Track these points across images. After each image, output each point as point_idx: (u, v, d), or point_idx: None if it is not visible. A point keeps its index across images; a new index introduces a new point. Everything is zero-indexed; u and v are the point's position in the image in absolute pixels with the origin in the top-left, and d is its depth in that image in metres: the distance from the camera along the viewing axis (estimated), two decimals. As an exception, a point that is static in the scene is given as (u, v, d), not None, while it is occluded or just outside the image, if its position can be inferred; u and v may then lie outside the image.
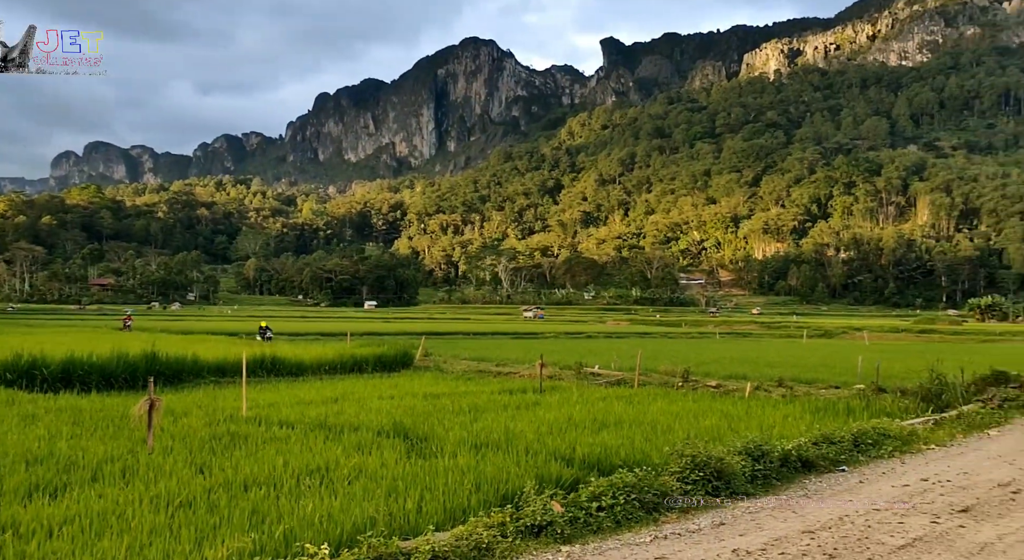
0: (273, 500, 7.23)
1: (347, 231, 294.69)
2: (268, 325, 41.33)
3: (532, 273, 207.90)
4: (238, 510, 6.88)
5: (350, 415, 12.90)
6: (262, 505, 7.06)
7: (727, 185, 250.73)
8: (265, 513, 6.82)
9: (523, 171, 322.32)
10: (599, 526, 6.90)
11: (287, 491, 7.59)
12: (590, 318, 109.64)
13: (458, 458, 9.05)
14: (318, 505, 6.94)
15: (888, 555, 6.19)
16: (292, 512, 6.77)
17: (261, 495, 7.39)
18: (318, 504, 6.98)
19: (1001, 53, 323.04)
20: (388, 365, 23.98)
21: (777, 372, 22.42)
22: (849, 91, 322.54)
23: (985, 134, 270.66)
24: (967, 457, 10.69)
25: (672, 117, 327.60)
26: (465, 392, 17.21)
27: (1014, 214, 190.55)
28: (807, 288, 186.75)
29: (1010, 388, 17.01)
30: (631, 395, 16.68)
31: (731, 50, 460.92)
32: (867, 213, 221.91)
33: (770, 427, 12.06)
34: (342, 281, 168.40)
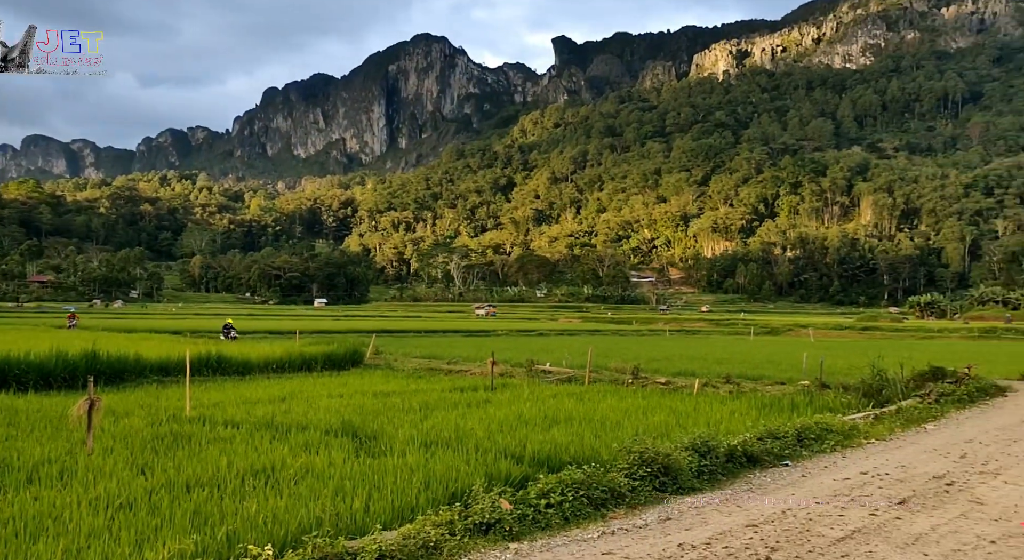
0: (216, 501, 7.10)
1: (297, 228, 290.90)
2: (232, 323, 39.69)
3: (484, 271, 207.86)
4: (180, 511, 6.74)
5: (298, 414, 12.74)
6: (205, 506, 6.92)
7: (677, 184, 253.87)
8: (208, 514, 6.69)
9: (475, 169, 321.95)
10: (547, 523, 6.92)
11: (231, 492, 7.46)
12: (542, 316, 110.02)
13: (407, 456, 9.00)
14: (263, 505, 6.83)
15: (828, 547, 6.32)
16: (236, 513, 6.65)
17: (204, 496, 7.25)
18: (263, 504, 6.87)
19: (940, 57, 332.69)
20: (338, 363, 23.72)
21: (725, 369, 22.76)
22: (795, 92, 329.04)
23: (925, 136, 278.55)
24: (905, 451, 10.98)
25: (623, 116, 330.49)
26: (416, 390, 17.13)
27: (951, 214, 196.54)
28: (755, 286, 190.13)
29: (946, 383, 17.52)
30: (582, 392, 16.77)
31: (681, 50, 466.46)
32: (813, 213, 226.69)
33: (717, 423, 12.23)
34: (291, 278, 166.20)
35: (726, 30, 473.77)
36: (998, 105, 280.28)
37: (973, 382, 18.04)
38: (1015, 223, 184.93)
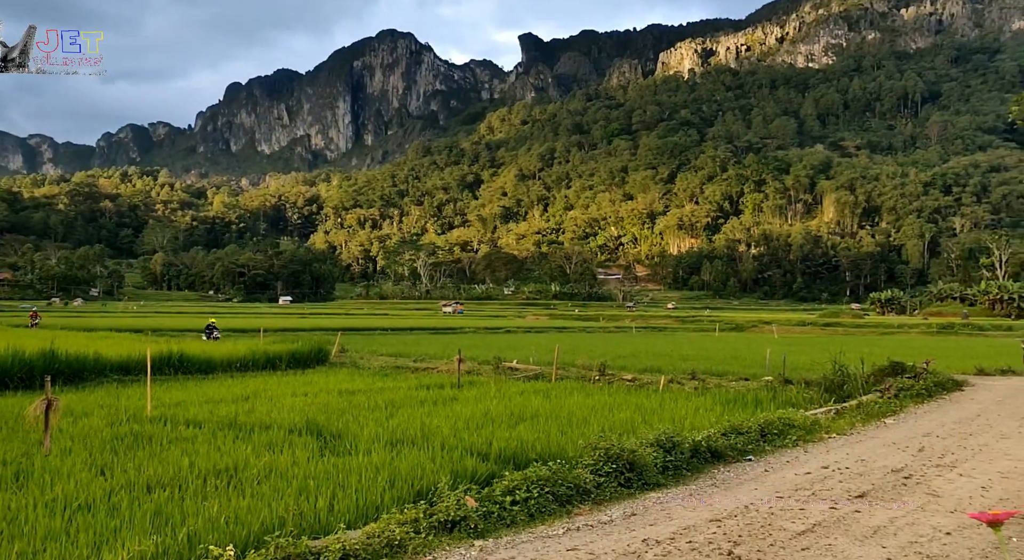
0: (178, 501, 7.01)
1: (261, 225, 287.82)
2: (215, 322, 38.39)
3: (452, 268, 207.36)
4: (140, 512, 6.65)
5: (261, 413, 12.61)
6: (166, 507, 6.84)
7: (643, 182, 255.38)
8: (169, 515, 6.60)
9: (442, 166, 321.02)
10: (513, 520, 6.93)
11: (193, 492, 7.37)
12: (509, 313, 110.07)
13: (372, 455, 8.95)
14: (225, 506, 6.75)
15: (789, 541, 6.40)
16: (197, 513, 6.57)
17: (165, 497, 7.16)
18: (225, 505, 6.79)
19: (900, 57, 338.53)
20: (303, 362, 23.53)
21: (690, 365, 22.95)
22: (759, 91, 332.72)
23: (886, 135, 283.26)
24: (865, 445, 11.16)
25: (590, 114, 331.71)
26: (382, 388, 17.04)
27: (911, 212, 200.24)
28: (720, 283, 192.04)
29: (905, 378, 17.83)
30: (548, 389, 16.81)
31: (647, 49, 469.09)
32: (776, 210, 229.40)
33: (682, 419, 12.33)
34: (255, 276, 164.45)
35: (691, 29, 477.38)
36: (956, 104, 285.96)
37: (931, 377, 18.39)
38: (972, 221, 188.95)
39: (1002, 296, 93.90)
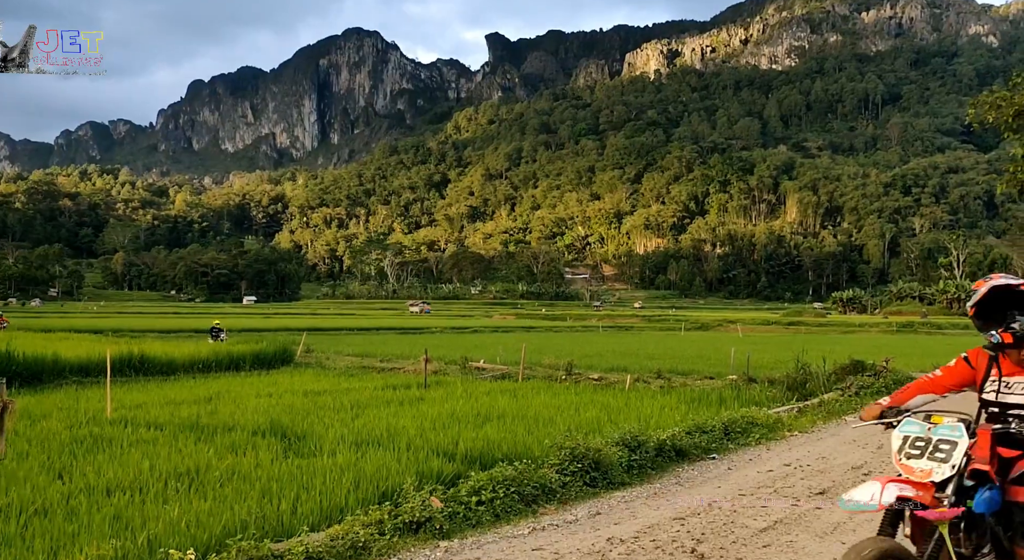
0: (138, 505, 6.90)
1: (225, 224, 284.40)
2: (220, 324, 35.88)
3: (419, 268, 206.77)
4: (99, 516, 6.52)
5: (224, 415, 12.46)
6: (126, 511, 6.72)
7: (610, 182, 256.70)
8: (129, 519, 6.49)
9: (409, 165, 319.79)
10: (478, 520, 6.92)
11: (153, 495, 7.26)
12: (477, 312, 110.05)
13: (337, 456, 8.88)
14: (186, 509, 6.66)
15: (751, 538, 6.48)
16: (158, 517, 6.47)
17: (125, 500, 7.04)
18: (186, 508, 6.70)
19: (860, 60, 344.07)
20: (267, 362, 23.31)
21: (656, 364, 23.13)
22: (724, 92, 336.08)
23: (847, 136, 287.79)
24: (826, 442, 11.33)
25: (558, 114, 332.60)
26: (347, 388, 16.93)
27: (872, 212, 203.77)
28: (686, 282, 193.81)
29: (866, 376, 18.13)
30: (515, 389, 16.82)
31: (614, 49, 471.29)
32: (741, 210, 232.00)
33: (648, 418, 12.40)
34: (219, 276, 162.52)
35: (657, 30, 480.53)
36: (915, 106, 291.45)
37: (891, 375, 18.70)
38: (931, 221, 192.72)
39: (959, 295, 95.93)
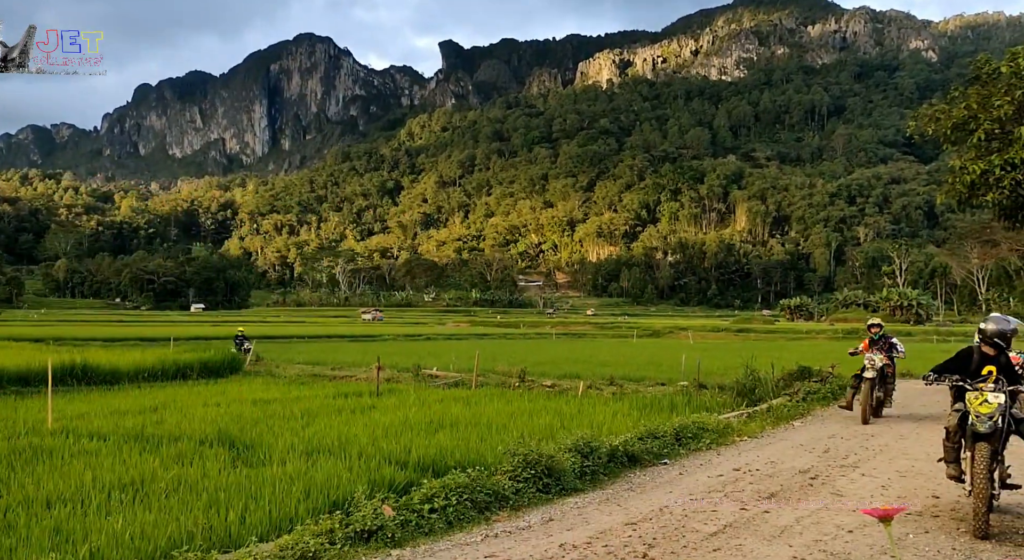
0: (80, 517, 6.71)
1: (172, 230, 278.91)
2: (245, 332, 33.43)
3: (371, 275, 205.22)
4: (39, 529, 6.34)
5: (171, 424, 12.19)
6: (67, 523, 6.53)
7: (563, 189, 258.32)
8: (70, 532, 6.31)
9: (362, 171, 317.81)
10: (431, 528, 6.88)
11: (96, 507, 7.06)
12: (430, 320, 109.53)
13: (287, 465, 8.76)
14: (130, 521, 6.49)
15: (701, 542, 6.55)
16: (101, 529, 6.30)
17: (66, 512, 6.84)
18: (130, 519, 6.53)
19: (807, 72, 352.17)
20: (215, 371, 22.87)
21: (609, 371, 23.23)
22: (675, 102, 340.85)
23: (794, 146, 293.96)
24: (774, 447, 11.50)
25: (511, 121, 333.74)
26: (298, 397, 16.70)
27: (818, 221, 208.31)
28: (638, 290, 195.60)
29: (812, 382, 18.47)
30: (468, 396, 16.77)
31: (566, 58, 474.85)
32: (692, 218, 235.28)
33: (600, 424, 12.46)
34: (166, 283, 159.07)
35: (609, 39, 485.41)
36: (859, 118, 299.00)
37: (837, 380, 19.09)
38: (874, 230, 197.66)
39: (902, 303, 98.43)
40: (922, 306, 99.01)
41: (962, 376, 7.33)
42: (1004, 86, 16.21)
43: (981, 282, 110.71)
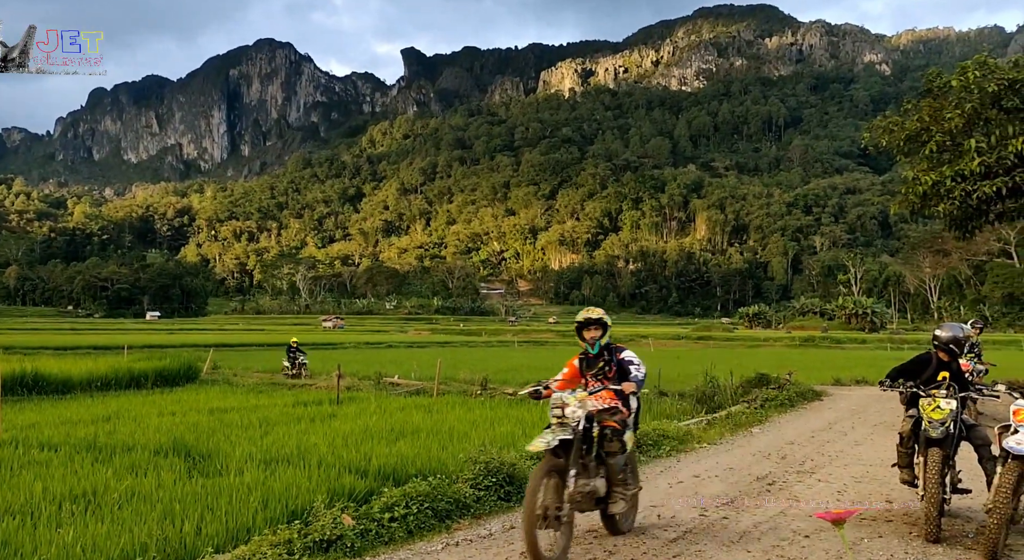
0: (29, 530, 6.52)
1: (127, 237, 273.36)
2: (298, 343, 28.45)
3: (332, 282, 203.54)
4: (-15, 543, 6.16)
5: (124, 434, 11.95)
6: (15, 536, 6.35)
7: (526, 197, 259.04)
8: (18, 545, 6.14)
9: (323, 178, 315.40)
10: (391, 537, 6.82)
11: (46, 519, 6.88)
12: (391, 328, 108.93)
13: (245, 475, 8.63)
14: (81, 533, 6.34)
15: (661, 548, 6.59)
16: (51, 542, 6.14)
17: (15, 525, 6.65)
18: (81, 531, 6.37)
19: (764, 84, 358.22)
20: (171, 379, 22.48)
21: (569, 378, 23.26)
22: (636, 112, 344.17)
23: (752, 156, 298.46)
24: (733, 453, 11.63)
25: (473, 129, 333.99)
26: (256, 406, 16.48)
27: (776, 230, 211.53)
28: (599, 297, 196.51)
29: (770, 389, 18.71)
30: (430, 404, 16.70)
31: (529, 67, 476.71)
32: (653, 227, 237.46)
33: (562, 431, 12.45)
34: (120, 290, 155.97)
35: (571, 49, 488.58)
36: (815, 130, 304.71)
37: (793, 387, 19.37)
38: (830, 240, 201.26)
39: (857, 311, 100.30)
40: (876, 314, 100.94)
41: (916, 382, 7.49)
42: (955, 99, 16.62)
43: (933, 291, 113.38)
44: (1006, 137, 15.51)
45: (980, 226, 17.90)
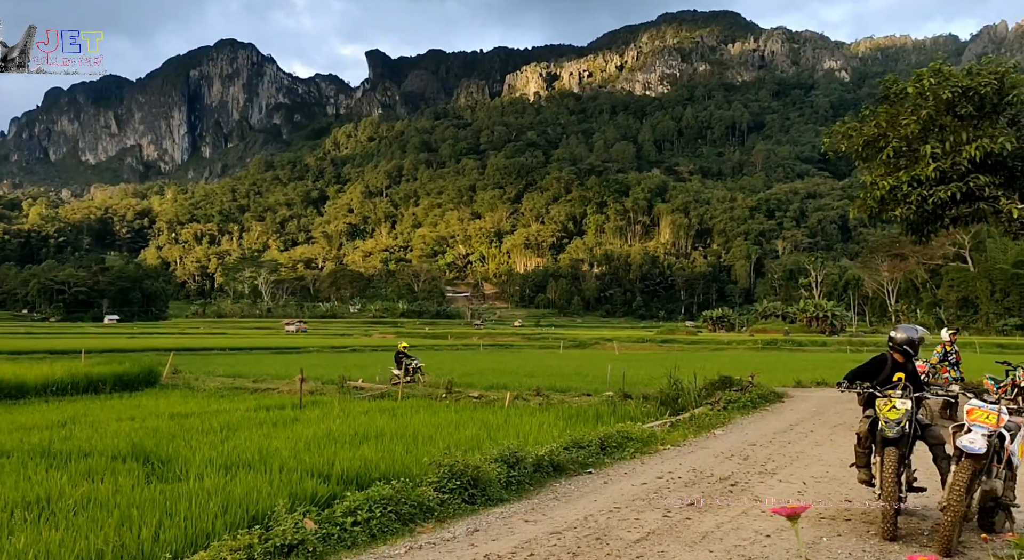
0: (-20, 539, 6.37)
1: (84, 239, 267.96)
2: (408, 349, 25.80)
3: (295, 286, 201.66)
4: (-66, 553, 6.00)
5: (81, 439, 11.71)
6: (-36, 545, 6.19)
7: (491, 201, 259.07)
8: (-32, 554, 5.99)
9: (285, 181, 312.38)
10: (354, 541, 6.77)
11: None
12: (356, 331, 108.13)
13: (205, 480, 8.50)
14: (35, 540, 6.19)
15: (625, 549, 6.62)
16: (2, 550, 6.00)
17: (-36, 534, 6.49)
18: (35, 539, 6.23)
19: (728, 89, 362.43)
20: (130, 384, 22.08)
21: (535, 381, 23.33)
22: (600, 116, 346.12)
23: (716, 161, 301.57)
24: (696, 455, 11.72)
25: (439, 132, 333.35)
26: (217, 410, 16.25)
27: (739, 234, 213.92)
28: (564, 301, 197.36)
29: (733, 391, 18.90)
30: (394, 408, 16.61)
31: (494, 70, 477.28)
32: (617, 231, 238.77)
33: (527, 434, 12.49)
34: (78, 293, 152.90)
35: (536, 53, 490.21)
36: (777, 135, 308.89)
37: (756, 390, 19.58)
38: (792, 243, 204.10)
39: (818, 314, 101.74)
40: (836, 317, 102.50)
41: (872, 383, 7.61)
42: (911, 106, 16.96)
43: (891, 294, 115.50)
44: (960, 143, 15.86)
45: (936, 230, 18.25)
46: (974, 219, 17.41)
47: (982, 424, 6.60)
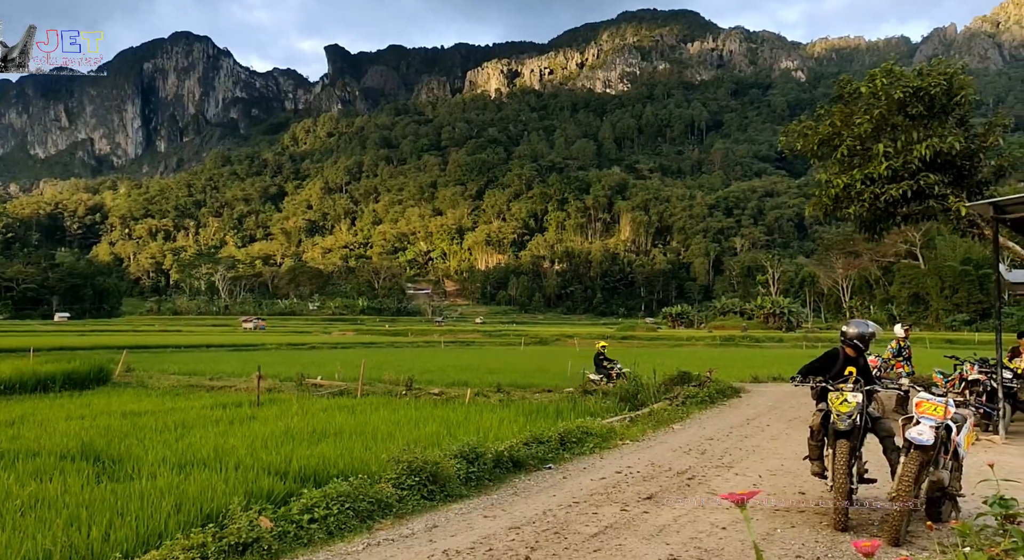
0: (-80, 542, 6.18)
1: (33, 235, 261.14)
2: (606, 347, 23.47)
3: (253, 282, 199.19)
4: None
5: (29, 439, 11.44)
6: (-95, 549, 6.01)
7: (453, 197, 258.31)
8: (-91, 558, 5.82)
9: (243, 176, 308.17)
10: (310, 538, 6.71)
11: (-60, 530, 6.53)
12: (315, 329, 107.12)
13: (158, 479, 8.37)
14: (-21, 543, 6.04)
15: (583, 543, 6.66)
16: (-55, 554, 5.84)
17: (-95, 538, 6.29)
18: (-21, 542, 6.08)
19: (687, 88, 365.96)
20: (80, 382, 21.62)
21: (497, 378, 23.36)
22: (561, 113, 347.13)
23: (675, 159, 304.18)
24: (655, 450, 11.82)
25: (399, 128, 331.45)
26: (172, 408, 15.99)
27: (698, 232, 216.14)
28: (526, 298, 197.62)
29: (692, 386, 19.12)
30: (354, 405, 16.50)
31: (455, 67, 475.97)
32: (578, 228, 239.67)
33: (487, 431, 12.49)
34: (26, 290, 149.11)
35: (497, 50, 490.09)
36: (735, 134, 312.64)
37: (714, 385, 19.83)
38: (750, 241, 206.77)
39: (775, 311, 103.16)
40: (792, 314, 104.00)
41: (825, 377, 7.75)
42: (864, 105, 17.26)
43: (845, 291, 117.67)
44: (911, 142, 16.19)
45: (888, 228, 18.57)
46: (925, 217, 17.77)
47: (930, 416, 6.75)
